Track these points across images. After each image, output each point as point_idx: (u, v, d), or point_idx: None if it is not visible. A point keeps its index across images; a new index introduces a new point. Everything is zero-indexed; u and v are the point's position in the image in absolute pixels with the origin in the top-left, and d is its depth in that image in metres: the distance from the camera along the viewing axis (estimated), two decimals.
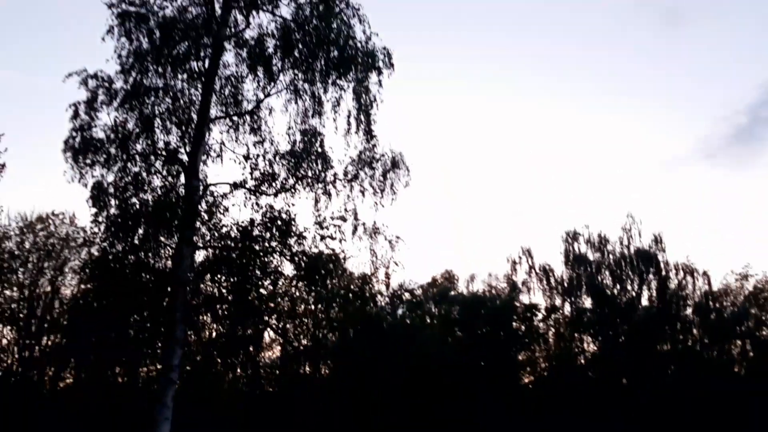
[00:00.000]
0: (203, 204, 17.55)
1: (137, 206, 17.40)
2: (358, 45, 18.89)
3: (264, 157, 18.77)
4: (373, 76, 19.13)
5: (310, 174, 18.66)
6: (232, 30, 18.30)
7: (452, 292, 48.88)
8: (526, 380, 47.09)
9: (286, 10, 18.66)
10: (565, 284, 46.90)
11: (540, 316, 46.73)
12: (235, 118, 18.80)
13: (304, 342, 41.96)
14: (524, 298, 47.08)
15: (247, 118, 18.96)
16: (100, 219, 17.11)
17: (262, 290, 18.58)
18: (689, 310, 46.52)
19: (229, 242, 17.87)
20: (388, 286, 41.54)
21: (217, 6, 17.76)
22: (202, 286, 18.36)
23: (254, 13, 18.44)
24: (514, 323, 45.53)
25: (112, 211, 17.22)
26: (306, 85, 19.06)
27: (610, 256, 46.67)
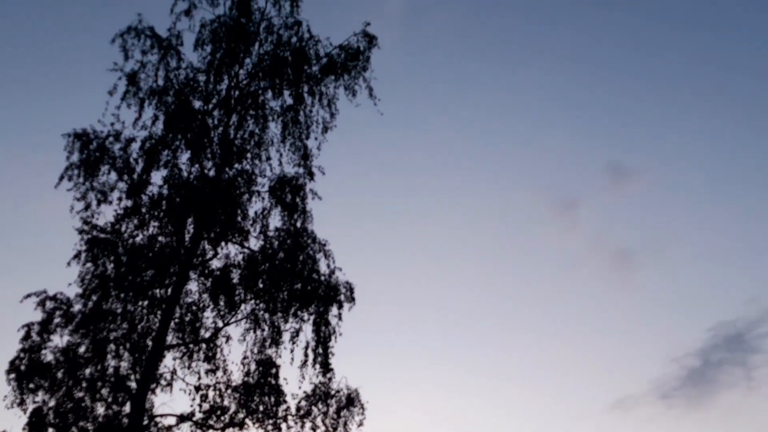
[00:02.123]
0: None
1: None
2: (322, 279, 19.32)
3: (215, 387, 18.45)
4: (334, 309, 19.32)
5: (261, 408, 18.19)
6: (199, 260, 18.76)
7: None
8: None
9: (254, 242, 19.33)
10: None
11: None
12: (191, 345, 18.69)
13: None
14: None
15: (203, 345, 18.89)
16: None
17: None
18: None
19: None
20: None
21: (186, 236, 18.31)
22: None
23: (223, 244, 19.08)
24: None
25: None
26: (267, 315, 19.20)
27: None
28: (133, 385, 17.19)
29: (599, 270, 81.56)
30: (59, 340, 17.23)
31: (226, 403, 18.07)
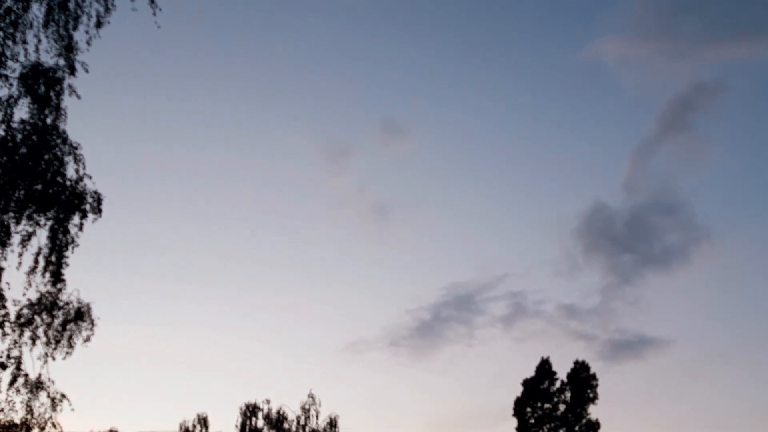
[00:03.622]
0: None
1: None
2: (68, 184, 18.03)
3: None
4: (76, 218, 18.21)
5: None
6: None
7: None
8: None
9: None
10: None
11: None
12: None
13: None
14: None
15: None
16: None
17: None
18: None
19: None
20: None
21: None
22: None
23: None
24: None
25: None
26: None
27: None
28: None
29: (358, 219, 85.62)
30: None
31: None
